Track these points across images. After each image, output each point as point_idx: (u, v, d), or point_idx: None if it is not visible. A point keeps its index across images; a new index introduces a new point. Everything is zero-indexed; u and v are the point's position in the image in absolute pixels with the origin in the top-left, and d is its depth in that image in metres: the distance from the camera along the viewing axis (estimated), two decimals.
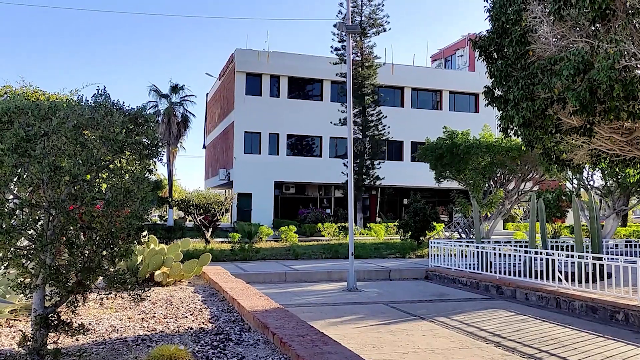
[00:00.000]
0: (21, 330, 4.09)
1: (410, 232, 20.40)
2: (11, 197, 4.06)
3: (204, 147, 51.69)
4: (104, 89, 4.20)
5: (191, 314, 6.06)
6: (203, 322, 5.61)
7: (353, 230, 12.99)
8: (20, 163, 3.73)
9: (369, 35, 32.47)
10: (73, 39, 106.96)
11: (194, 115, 37.07)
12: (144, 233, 4.47)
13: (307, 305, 10.11)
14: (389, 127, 32.58)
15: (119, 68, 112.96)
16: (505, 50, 8.18)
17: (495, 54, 8.58)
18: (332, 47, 32.64)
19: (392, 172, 34.25)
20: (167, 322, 5.64)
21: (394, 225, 28.37)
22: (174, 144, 36.07)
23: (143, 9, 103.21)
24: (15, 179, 3.89)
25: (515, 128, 8.56)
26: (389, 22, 32.44)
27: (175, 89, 36.00)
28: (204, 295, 7.46)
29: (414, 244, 19.49)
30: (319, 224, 28.80)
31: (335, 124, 32.19)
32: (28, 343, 3.90)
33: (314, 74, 36.52)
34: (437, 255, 14.18)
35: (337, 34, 31.80)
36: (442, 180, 19.46)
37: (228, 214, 35.73)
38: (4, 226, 3.79)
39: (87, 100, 4.14)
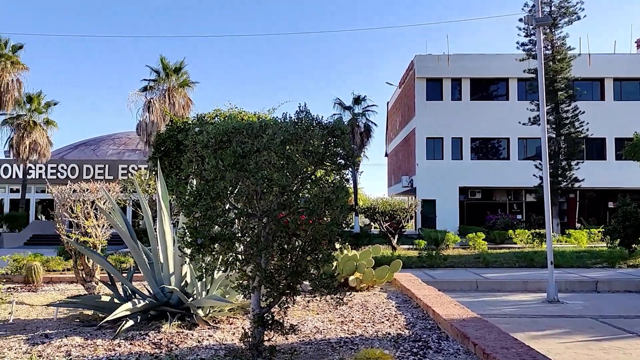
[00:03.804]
0: (243, 328, 4.56)
1: (619, 239, 18.22)
2: (227, 207, 4.56)
3: (386, 155, 52.45)
4: (305, 105, 4.50)
5: (387, 320, 6.16)
6: (399, 328, 5.67)
7: (551, 236, 12.03)
8: (238, 177, 4.17)
9: (560, 25, 30.00)
10: (263, 61, 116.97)
11: (375, 124, 37.90)
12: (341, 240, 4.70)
13: (503, 316, 9.62)
14: (587, 123, 29.61)
15: (306, 84, 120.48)
16: None
17: None
18: (518, 42, 30.83)
19: (592, 172, 31.03)
20: (365, 326, 5.81)
21: (598, 231, 25.64)
22: (357, 153, 37.24)
23: (323, 27, 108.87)
24: (234, 191, 4.38)
25: None
26: (583, 9, 29.59)
27: (357, 100, 37.18)
28: (397, 302, 7.53)
29: (625, 252, 17.34)
30: (510, 231, 27.24)
31: (524, 124, 30.24)
32: (248, 339, 4.33)
33: (498, 73, 34.82)
34: None
35: (524, 29, 29.93)
36: None
37: (412, 220, 35.71)
38: (226, 233, 4.28)
39: (290, 117, 4.48)
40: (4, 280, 8.76)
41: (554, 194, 28.63)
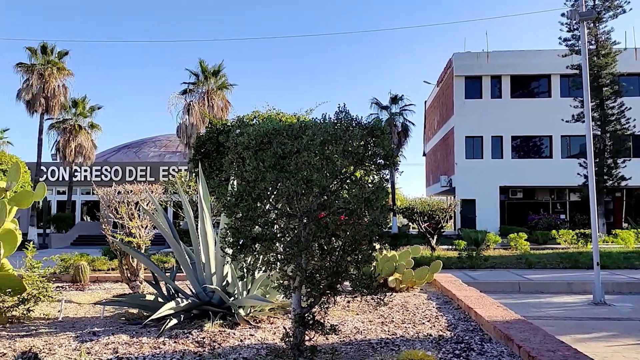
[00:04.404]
0: (284, 327, 4.59)
1: None
2: (268, 207, 4.60)
3: (424, 154, 51.97)
4: (344, 106, 4.50)
5: (428, 321, 6.10)
6: (441, 330, 5.60)
7: (597, 236, 11.68)
8: (279, 178, 4.21)
9: (604, 20, 29.08)
10: (299, 62, 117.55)
11: (413, 124, 37.61)
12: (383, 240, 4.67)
13: (547, 318, 9.39)
14: (633, 120, 28.62)
15: (342, 84, 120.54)
16: None
17: None
18: (560, 38, 30.03)
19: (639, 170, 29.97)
20: (405, 327, 5.77)
21: None
22: (396, 153, 37.02)
23: (358, 27, 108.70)
24: (274, 192, 4.41)
25: None
26: (628, 2, 28.57)
27: (394, 100, 36.98)
28: (438, 303, 7.45)
29: None
30: (553, 231, 26.59)
31: (567, 121, 29.44)
32: (289, 339, 4.36)
33: (540, 70, 34.03)
34: None
35: (566, 24, 29.14)
36: None
37: (451, 221, 35.24)
38: (267, 233, 4.32)
39: (330, 118, 4.49)
40: (54, 279, 9.07)
41: (599, 192, 27.77)
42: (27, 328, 5.92)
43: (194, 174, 18.24)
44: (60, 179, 39.50)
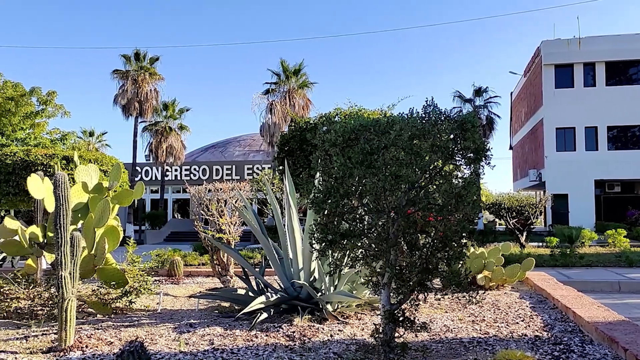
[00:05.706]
0: (373, 324, 4.58)
1: None
2: (355, 203, 4.60)
3: (510, 147, 49.93)
4: (432, 99, 4.41)
5: (522, 320, 5.87)
6: (536, 330, 5.37)
7: None
8: (366, 174, 4.20)
9: None
10: (378, 57, 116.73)
11: (498, 116, 36.28)
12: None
13: None
14: None
15: (424, 78, 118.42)
16: None
17: None
18: None
19: None
20: (498, 326, 5.58)
21: None
22: (486, 147, 35.86)
23: (444, 18, 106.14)
24: (361, 188, 4.41)
25: None
26: None
27: (478, 92, 35.85)
28: (531, 302, 7.14)
29: None
30: None
31: None
32: (379, 335, 4.35)
33: (639, 55, 31.64)
34: None
35: None
36: None
37: (541, 217, 33.66)
38: (355, 230, 4.33)
39: (417, 112, 4.41)
40: (151, 273, 9.63)
41: None
42: (130, 319, 6.31)
43: (277, 172, 18.65)
44: (153, 178, 41.71)
